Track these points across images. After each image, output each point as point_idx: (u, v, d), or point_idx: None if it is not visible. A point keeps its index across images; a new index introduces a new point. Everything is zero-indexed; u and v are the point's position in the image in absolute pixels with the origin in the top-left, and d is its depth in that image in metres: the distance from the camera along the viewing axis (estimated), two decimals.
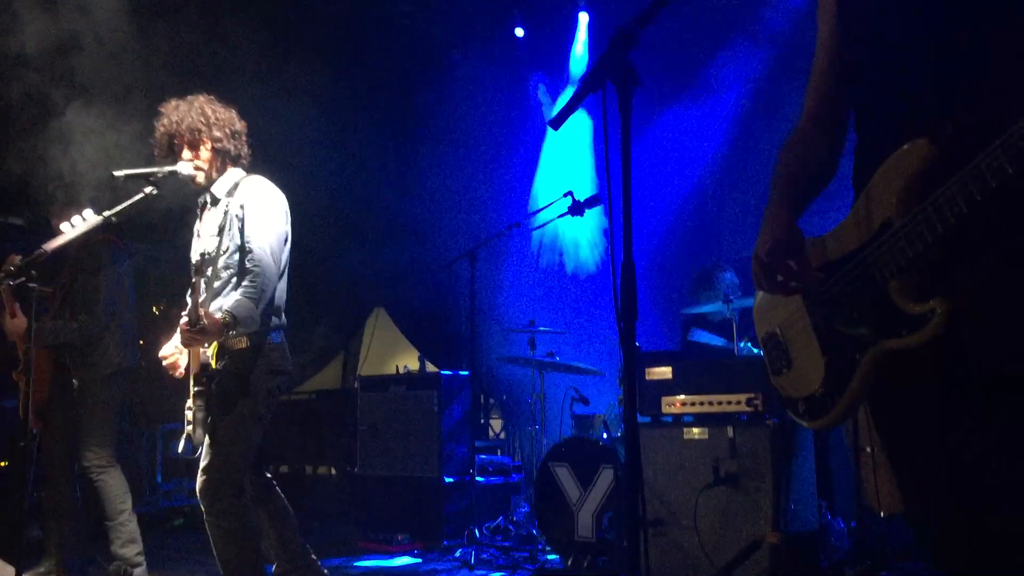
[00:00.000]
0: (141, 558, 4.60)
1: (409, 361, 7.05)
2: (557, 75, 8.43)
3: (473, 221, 8.56)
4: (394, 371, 6.70)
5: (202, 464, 3.37)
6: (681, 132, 7.31)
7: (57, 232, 3.42)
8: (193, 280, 3.22)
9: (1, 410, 5.39)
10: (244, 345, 3.40)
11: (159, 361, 3.53)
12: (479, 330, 6.43)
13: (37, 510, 5.39)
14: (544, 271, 8.13)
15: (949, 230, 1.51)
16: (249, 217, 3.46)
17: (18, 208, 5.34)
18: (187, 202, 4.00)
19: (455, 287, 8.42)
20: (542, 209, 5.73)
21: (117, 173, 3.41)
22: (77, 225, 3.42)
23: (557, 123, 2.05)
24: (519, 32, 8.38)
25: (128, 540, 4.57)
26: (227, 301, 3.36)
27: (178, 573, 5.21)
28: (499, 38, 8.42)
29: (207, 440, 3.36)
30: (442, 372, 6.41)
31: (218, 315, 3.22)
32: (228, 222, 3.47)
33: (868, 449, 4.49)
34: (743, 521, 4.20)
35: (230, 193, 3.54)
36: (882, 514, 4.42)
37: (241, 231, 3.45)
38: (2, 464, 5.63)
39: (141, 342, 5.13)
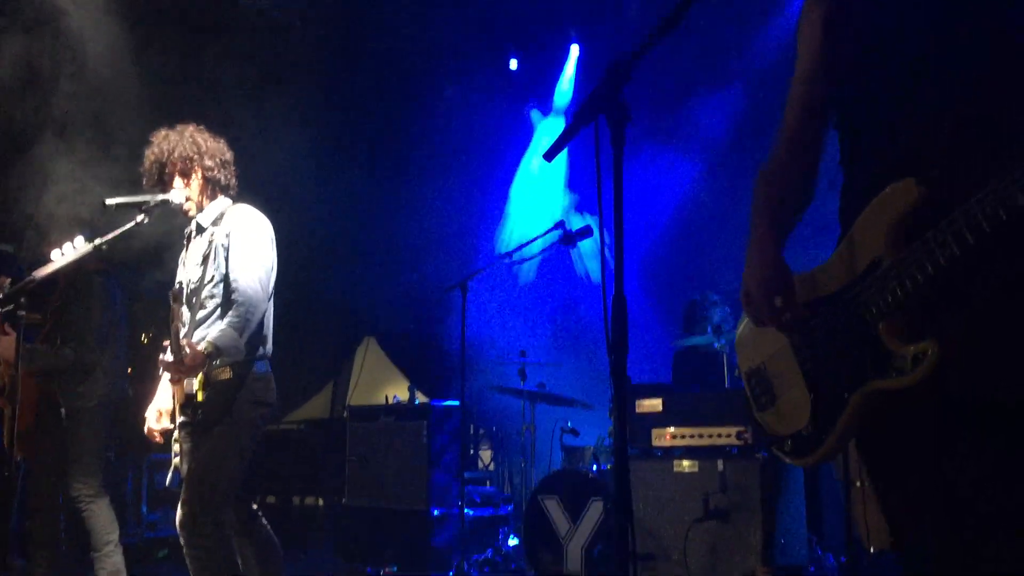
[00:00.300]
0: None
1: (399, 391, 7.03)
2: (549, 106, 8.52)
3: (465, 250, 8.57)
4: (384, 401, 6.67)
5: (183, 496, 3.32)
6: (673, 160, 7.37)
7: (47, 260, 3.41)
8: (173, 309, 3.19)
9: None
10: (228, 376, 3.35)
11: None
12: (470, 360, 6.40)
13: (22, 539, 5.32)
14: (535, 302, 8.13)
15: (940, 271, 1.51)
16: (235, 246, 3.43)
17: (7, 235, 5.32)
18: (173, 231, 4.01)
19: (446, 317, 8.41)
20: (533, 240, 5.74)
21: (109, 202, 3.40)
22: (67, 253, 3.40)
23: (550, 155, 2.06)
24: (513, 64, 8.46)
25: (112, 571, 4.52)
26: (211, 331, 3.32)
27: None
28: (492, 69, 8.50)
29: (188, 470, 3.33)
30: (432, 402, 6.38)
31: (201, 346, 3.18)
32: (213, 251, 3.44)
33: (858, 483, 4.48)
34: (733, 555, 4.18)
35: (216, 222, 3.52)
36: (871, 549, 4.40)
37: (227, 260, 3.42)
38: None
39: (129, 370, 5.09)
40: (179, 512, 3.31)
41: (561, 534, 4.89)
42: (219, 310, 3.42)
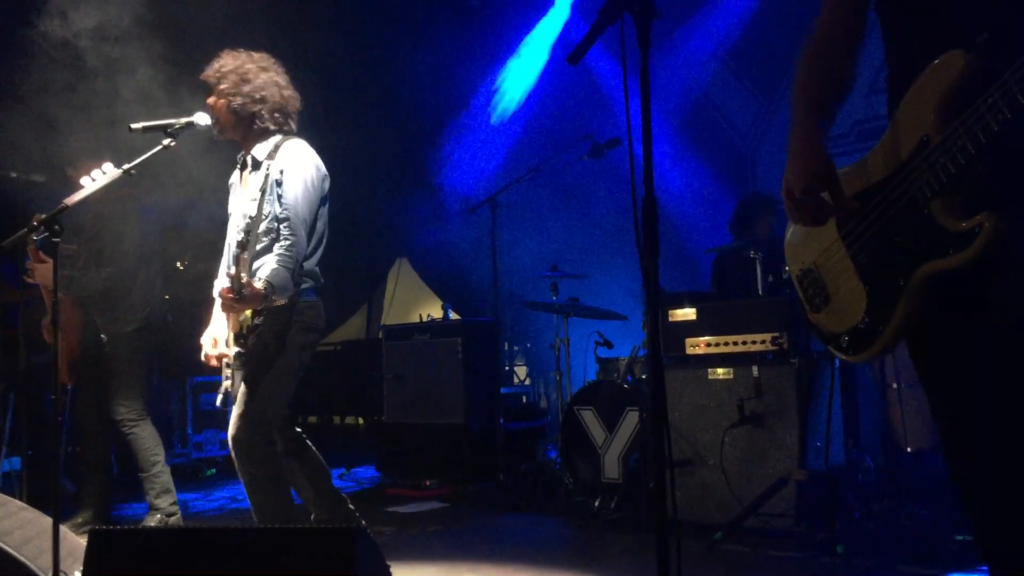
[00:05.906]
0: (176, 507, 4.69)
1: (432, 310, 7.07)
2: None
3: (493, 167, 8.51)
4: (418, 320, 6.73)
5: (235, 413, 3.44)
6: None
7: (78, 187, 3.42)
8: (237, 247, 3.23)
9: (33, 366, 5.47)
10: (281, 302, 3.43)
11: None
12: (502, 277, 6.40)
13: (72, 463, 5.50)
14: (565, 215, 8.08)
15: (992, 139, 1.44)
16: (287, 182, 3.48)
17: (39, 165, 5.35)
18: (199, 153, 4.04)
19: (477, 235, 8.41)
20: (562, 152, 5.67)
21: (134, 126, 3.40)
22: (97, 179, 3.41)
23: (575, 58, 2.00)
24: None
25: (162, 491, 4.66)
26: (264, 269, 3.38)
27: (211, 522, 5.31)
28: None
29: (242, 390, 3.45)
30: (466, 319, 6.39)
31: (258, 284, 3.25)
32: (269, 186, 3.49)
33: (894, 385, 4.47)
34: (769, 459, 4.21)
35: (270, 156, 3.55)
36: (908, 449, 4.42)
37: (279, 197, 3.48)
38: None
39: (167, 296, 5.16)
40: (232, 429, 3.43)
41: (598, 444, 4.94)
42: (272, 244, 3.48)
